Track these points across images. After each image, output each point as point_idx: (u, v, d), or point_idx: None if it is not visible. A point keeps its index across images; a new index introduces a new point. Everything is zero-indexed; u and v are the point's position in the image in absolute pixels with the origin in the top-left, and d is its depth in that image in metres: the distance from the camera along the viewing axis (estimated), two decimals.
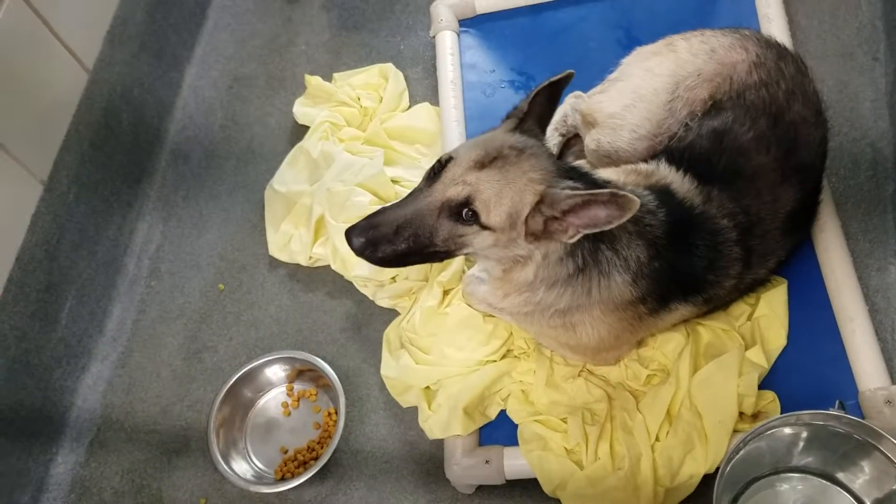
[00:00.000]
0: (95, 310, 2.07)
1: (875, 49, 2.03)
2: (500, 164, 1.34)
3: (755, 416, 1.62)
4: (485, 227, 1.36)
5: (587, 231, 1.32)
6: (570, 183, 1.35)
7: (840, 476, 1.52)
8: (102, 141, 2.13)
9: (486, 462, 1.65)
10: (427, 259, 1.44)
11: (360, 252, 1.39)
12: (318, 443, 1.80)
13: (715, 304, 1.64)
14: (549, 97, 1.46)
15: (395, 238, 1.37)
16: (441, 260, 1.49)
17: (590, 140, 1.77)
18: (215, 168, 2.31)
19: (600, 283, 1.47)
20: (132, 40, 2.26)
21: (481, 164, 1.35)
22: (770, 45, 1.67)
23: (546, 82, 1.44)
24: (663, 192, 1.53)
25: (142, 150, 2.30)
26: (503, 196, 1.33)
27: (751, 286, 1.67)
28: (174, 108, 2.43)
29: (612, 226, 1.28)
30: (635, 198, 1.22)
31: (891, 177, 1.87)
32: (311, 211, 2.02)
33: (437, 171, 1.39)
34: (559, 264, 1.43)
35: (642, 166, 1.64)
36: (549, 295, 1.49)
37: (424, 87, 2.29)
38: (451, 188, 1.35)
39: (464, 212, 1.35)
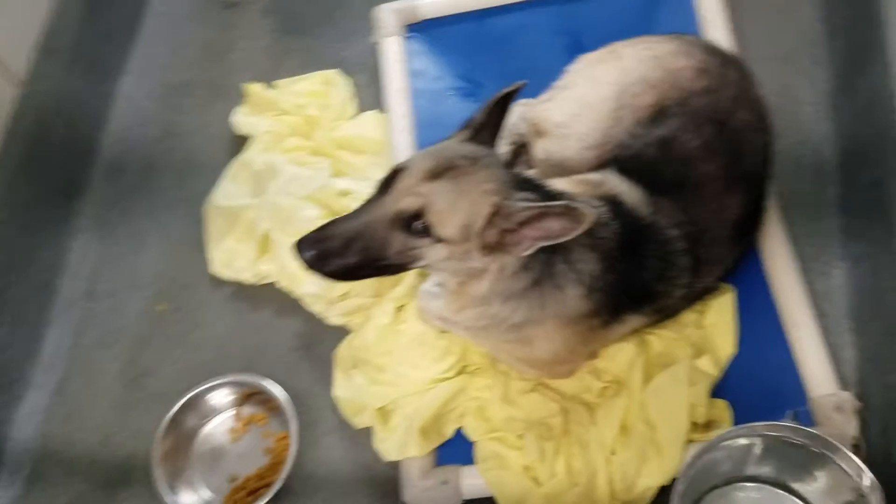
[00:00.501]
0: (29, 335, 1.98)
1: (816, 52, 2.06)
2: (454, 174, 1.31)
3: (707, 425, 1.62)
4: (438, 240, 1.33)
5: (542, 244, 1.30)
6: (525, 195, 1.33)
7: (795, 486, 1.53)
8: (33, 157, 2.04)
9: (444, 483, 1.62)
10: (380, 273, 1.40)
11: (310, 265, 1.35)
12: (269, 469, 1.74)
13: (665, 314, 1.65)
14: (502, 108, 1.44)
15: (346, 251, 1.33)
16: (394, 273, 1.45)
17: (538, 150, 1.76)
18: (153, 182, 2.23)
19: (554, 296, 1.45)
20: (64, 51, 2.17)
21: (434, 175, 1.31)
22: (715, 51, 1.68)
23: (501, 94, 1.41)
24: (613, 203, 1.52)
25: (76, 165, 2.21)
26: (457, 208, 1.30)
27: (700, 295, 1.67)
28: (109, 120, 2.33)
29: (566, 238, 1.26)
30: (589, 211, 1.21)
31: (834, 180, 1.89)
32: (255, 226, 1.96)
33: (388, 181, 1.35)
34: (514, 277, 1.41)
35: (591, 176, 1.63)
36: (504, 308, 1.47)
37: (371, 94, 2.23)
38: (402, 199, 1.31)
39: (416, 224, 1.31)
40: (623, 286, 1.50)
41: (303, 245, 1.34)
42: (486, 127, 1.44)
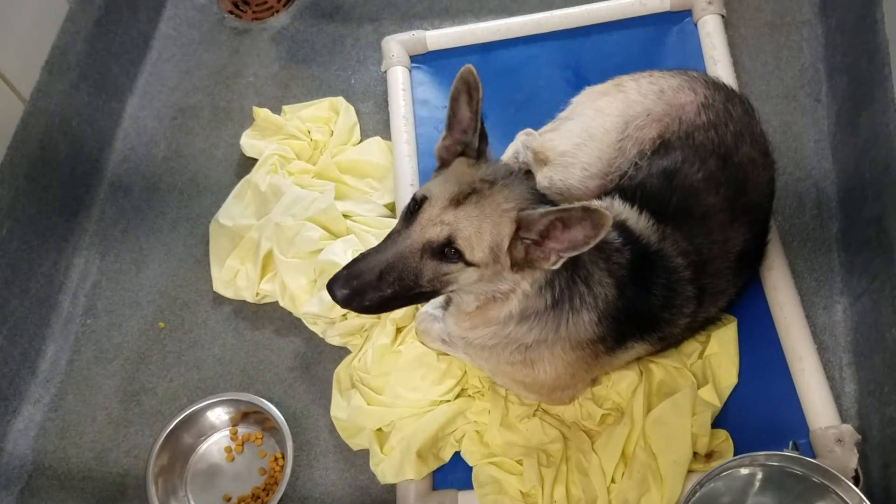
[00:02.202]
0: (28, 350, 1.97)
1: (817, 91, 2.09)
2: (476, 199, 1.33)
3: (709, 456, 1.62)
4: (469, 264, 1.33)
5: (569, 254, 1.29)
6: (544, 206, 1.34)
7: None
8: (38, 173, 2.04)
9: None
10: (412, 301, 1.42)
11: (345, 304, 1.35)
12: (264, 489, 1.72)
13: (668, 343, 1.65)
14: (473, 109, 1.42)
15: (380, 284, 1.33)
16: (427, 300, 1.48)
17: (542, 177, 1.77)
18: (157, 201, 2.24)
19: (569, 319, 1.45)
20: (72, 70, 2.19)
21: (457, 202, 1.33)
22: (718, 86, 1.71)
23: (455, 87, 1.40)
24: (621, 228, 1.53)
25: (80, 183, 2.21)
26: (483, 231, 1.31)
27: (703, 324, 1.68)
28: (114, 139, 2.35)
29: (590, 245, 1.24)
30: (607, 212, 1.20)
31: (835, 216, 1.91)
32: (258, 246, 1.97)
33: (412, 210, 1.36)
34: (539, 296, 1.41)
35: (596, 203, 1.64)
36: (519, 329, 1.47)
37: (375, 122, 2.27)
38: (429, 229, 1.32)
39: (448, 251, 1.32)
40: (631, 312, 1.51)
41: (336, 284, 1.34)
42: (469, 127, 1.42)
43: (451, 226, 1.31)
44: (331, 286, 1.34)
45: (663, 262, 1.51)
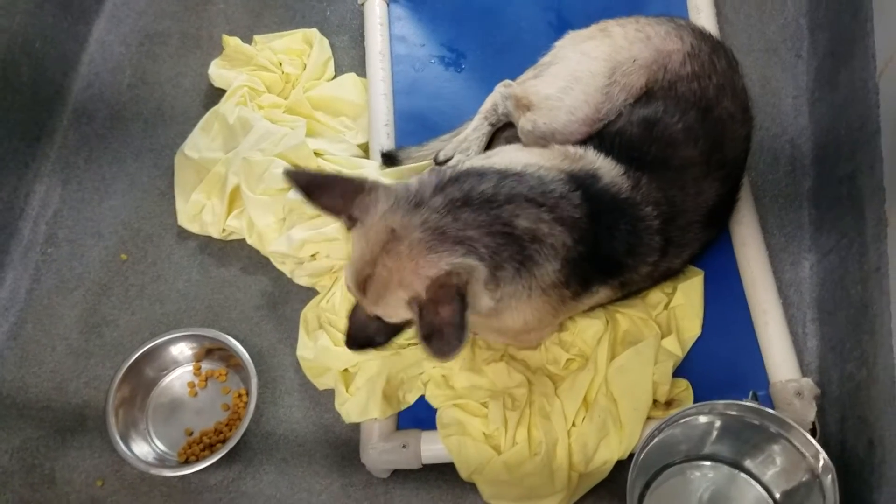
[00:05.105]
0: None
1: (798, 46, 2.08)
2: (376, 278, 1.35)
3: (668, 404, 1.64)
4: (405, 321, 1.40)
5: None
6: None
7: (750, 466, 1.56)
8: None
9: (404, 446, 1.62)
10: None
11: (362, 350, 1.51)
12: (227, 425, 1.72)
13: (628, 289, 1.65)
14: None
15: (377, 335, 1.44)
16: None
17: (525, 122, 1.74)
18: (121, 130, 2.16)
19: (534, 272, 1.44)
20: None
21: (363, 288, 1.36)
22: (705, 36, 1.68)
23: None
24: (587, 177, 1.51)
25: (42, 108, 2.12)
26: (396, 305, 1.35)
27: (664, 275, 1.68)
28: (79, 63, 2.26)
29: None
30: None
31: (808, 173, 1.92)
32: (225, 180, 1.92)
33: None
34: (497, 279, 1.39)
35: (571, 149, 1.62)
36: (494, 295, 1.44)
37: (350, 57, 2.20)
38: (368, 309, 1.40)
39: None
40: (594, 257, 1.50)
41: (351, 346, 1.47)
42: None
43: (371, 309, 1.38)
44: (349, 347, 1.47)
45: (631, 210, 1.50)
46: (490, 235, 1.33)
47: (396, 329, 1.43)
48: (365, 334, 1.43)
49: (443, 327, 1.27)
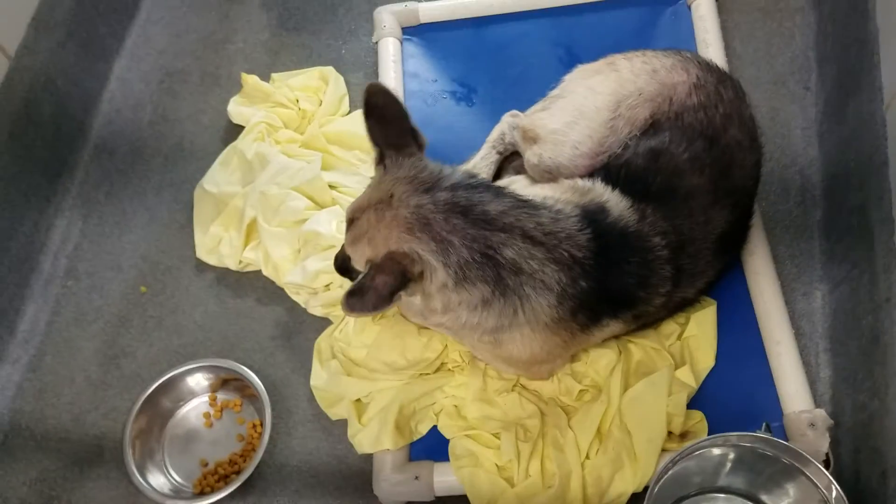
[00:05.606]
0: (7, 309, 1.95)
1: (807, 79, 2.09)
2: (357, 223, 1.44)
3: (683, 436, 1.63)
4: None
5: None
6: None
7: (765, 498, 1.54)
8: (22, 132, 2.01)
9: (416, 478, 1.62)
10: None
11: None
12: (241, 456, 1.73)
13: (644, 321, 1.65)
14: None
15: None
16: None
17: (531, 155, 1.76)
18: (142, 165, 2.21)
19: (523, 304, 1.45)
20: (59, 27, 2.15)
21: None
22: (711, 68, 1.70)
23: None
24: (598, 211, 1.53)
25: (63, 144, 2.18)
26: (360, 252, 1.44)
27: (679, 305, 1.68)
28: (100, 100, 2.32)
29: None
30: None
31: (818, 203, 1.92)
32: (242, 213, 1.96)
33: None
34: (459, 290, 1.41)
35: (580, 182, 1.64)
36: (472, 316, 1.47)
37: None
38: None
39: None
40: (602, 292, 1.51)
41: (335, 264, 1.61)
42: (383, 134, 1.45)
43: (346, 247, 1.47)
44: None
45: (640, 243, 1.51)
46: (469, 250, 1.37)
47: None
48: (347, 262, 1.52)
49: (369, 290, 1.33)
